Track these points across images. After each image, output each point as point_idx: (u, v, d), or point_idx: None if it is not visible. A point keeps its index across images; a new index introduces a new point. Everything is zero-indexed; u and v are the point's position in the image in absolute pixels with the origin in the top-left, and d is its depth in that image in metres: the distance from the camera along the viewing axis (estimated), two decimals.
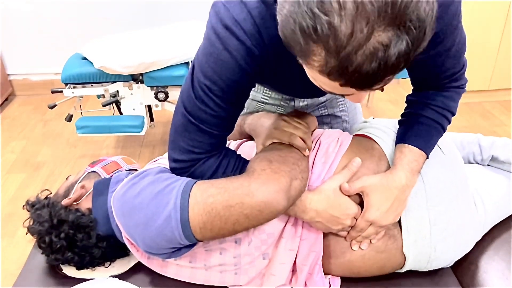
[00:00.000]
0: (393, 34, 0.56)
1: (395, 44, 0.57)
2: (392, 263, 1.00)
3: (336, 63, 0.58)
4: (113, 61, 2.04)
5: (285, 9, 0.60)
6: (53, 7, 2.96)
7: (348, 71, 0.59)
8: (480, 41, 2.69)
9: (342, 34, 0.56)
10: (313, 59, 0.60)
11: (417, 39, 0.58)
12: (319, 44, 0.58)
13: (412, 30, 0.57)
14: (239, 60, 0.78)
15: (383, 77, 0.61)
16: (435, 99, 0.97)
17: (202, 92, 0.83)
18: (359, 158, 0.97)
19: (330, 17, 0.55)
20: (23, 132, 2.74)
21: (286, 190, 0.85)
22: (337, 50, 0.57)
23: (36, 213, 1.01)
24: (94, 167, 1.11)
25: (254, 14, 0.76)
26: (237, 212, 0.84)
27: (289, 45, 0.63)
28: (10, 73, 3.16)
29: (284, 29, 0.62)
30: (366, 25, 0.55)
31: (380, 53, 0.57)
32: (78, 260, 1.00)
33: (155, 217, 0.86)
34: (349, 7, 0.55)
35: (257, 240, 0.95)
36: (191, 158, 0.90)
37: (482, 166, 1.24)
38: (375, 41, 0.56)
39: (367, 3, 0.54)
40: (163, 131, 2.71)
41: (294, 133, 0.97)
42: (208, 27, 0.80)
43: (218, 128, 0.88)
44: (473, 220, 1.04)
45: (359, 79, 0.60)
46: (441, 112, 0.97)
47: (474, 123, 2.71)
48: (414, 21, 0.56)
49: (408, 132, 0.97)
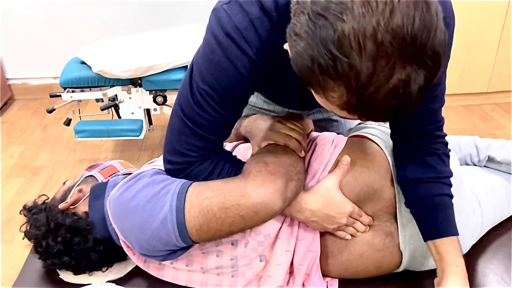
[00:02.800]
0: (412, 70, 0.57)
1: (414, 80, 0.57)
2: (390, 261, 1.00)
3: (358, 101, 0.59)
4: (111, 65, 2.04)
5: (300, 46, 0.59)
6: (52, 12, 2.96)
7: (370, 108, 0.60)
8: (478, 43, 2.69)
9: (364, 74, 0.56)
10: (331, 95, 0.61)
11: (433, 71, 0.59)
12: (339, 82, 0.58)
13: (429, 64, 0.57)
14: (239, 68, 0.78)
15: (404, 112, 0.62)
16: (433, 171, 0.94)
17: (200, 97, 0.82)
18: (347, 156, 0.97)
19: (351, 59, 0.55)
20: (22, 136, 2.73)
21: (282, 192, 0.85)
22: (359, 90, 0.57)
23: (33, 218, 1.01)
24: (92, 171, 1.11)
25: (256, 23, 0.76)
26: (233, 213, 0.84)
27: (304, 78, 0.63)
28: (9, 77, 3.16)
29: (299, 64, 0.61)
30: (387, 65, 0.56)
31: (401, 90, 0.58)
32: (75, 265, 1.00)
33: (151, 220, 0.86)
34: (370, 48, 0.55)
35: (253, 241, 0.95)
36: (186, 161, 0.90)
37: (479, 167, 1.24)
38: (396, 78, 0.57)
39: (387, 43, 0.55)
40: (161, 135, 2.70)
41: (289, 135, 0.97)
42: (209, 33, 0.79)
43: (214, 133, 0.88)
44: (469, 219, 1.04)
45: (379, 115, 0.62)
46: (448, 183, 0.95)
47: (473, 125, 2.70)
48: (431, 56, 0.57)
49: (434, 225, 0.93)
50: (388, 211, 0.99)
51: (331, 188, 0.94)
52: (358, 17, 0.54)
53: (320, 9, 0.57)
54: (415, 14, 0.55)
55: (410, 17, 0.55)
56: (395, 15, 0.54)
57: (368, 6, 0.54)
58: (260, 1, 0.75)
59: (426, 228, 0.95)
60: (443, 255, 0.91)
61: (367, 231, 0.98)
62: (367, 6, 0.54)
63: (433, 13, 0.57)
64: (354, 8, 0.55)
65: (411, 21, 0.55)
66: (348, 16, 0.55)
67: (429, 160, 0.94)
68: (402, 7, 0.55)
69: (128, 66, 2.03)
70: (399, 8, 0.55)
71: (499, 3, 2.58)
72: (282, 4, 0.75)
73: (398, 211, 0.98)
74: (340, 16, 0.55)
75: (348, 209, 0.94)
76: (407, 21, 0.55)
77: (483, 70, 2.80)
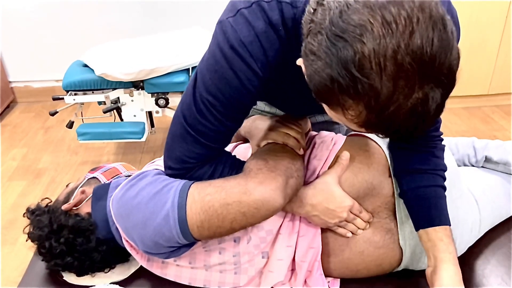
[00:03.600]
0: (429, 89, 0.58)
1: (432, 98, 0.59)
2: (390, 258, 1.01)
3: (377, 120, 0.60)
4: (114, 68, 2.05)
5: (317, 65, 0.60)
6: (55, 15, 2.98)
7: (390, 127, 0.61)
8: (479, 45, 2.70)
9: (384, 94, 0.57)
10: (350, 113, 0.62)
11: (448, 88, 0.60)
12: (359, 101, 0.59)
13: (445, 82, 0.59)
14: (243, 80, 0.79)
15: (422, 129, 0.63)
16: (428, 163, 0.96)
17: (203, 106, 0.83)
18: (347, 152, 0.99)
19: (371, 79, 0.56)
20: (25, 139, 2.75)
21: (283, 188, 0.87)
22: (379, 109, 0.59)
23: (36, 219, 1.02)
24: (94, 173, 1.12)
25: (261, 37, 0.76)
26: (235, 210, 0.85)
27: (320, 96, 0.64)
28: (12, 80, 3.17)
29: (317, 83, 0.62)
30: (406, 85, 0.57)
31: (420, 108, 0.59)
32: (78, 265, 1.01)
33: (153, 217, 0.87)
34: (390, 69, 0.56)
35: (256, 237, 0.96)
36: (186, 167, 0.91)
37: (477, 168, 1.25)
38: (415, 98, 0.58)
39: (407, 65, 0.56)
40: (163, 137, 2.71)
41: (288, 133, 0.98)
42: (214, 44, 0.80)
43: (216, 142, 0.89)
44: (467, 214, 1.05)
45: (398, 133, 0.63)
46: (442, 175, 0.97)
47: (473, 127, 2.71)
48: (447, 74, 0.59)
49: (427, 213, 0.95)
50: (388, 208, 1.00)
51: (331, 182, 0.96)
52: (379, 38, 0.55)
53: (339, 31, 0.57)
54: (434, 36, 0.56)
55: (429, 38, 0.56)
56: (415, 37, 0.55)
57: (388, 27, 0.55)
58: (267, 15, 0.75)
59: (419, 217, 0.96)
60: (436, 242, 0.92)
61: (367, 228, 0.99)
62: (387, 28, 0.55)
63: (449, 32, 0.58)
64: (373, 30, 0.55)
65: (430, 43, 0.56)
66: (369, 37, 0.55)
67: (424, 153, 0.96)
68: (421, 28, 0.56)
69: (131, 69, 2.04)
70: (419, 29, 0.55)
71: (499, 5, 2.59)
72: (288, 19, 0.75)
73: (397, 207, 1.00)
74: (360, 37, 0.56)
75: (348, 203, 0.95)
76: (426, 42, 0.56)
77: (484, 72, 2.80)
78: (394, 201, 1.00)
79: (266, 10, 0.75)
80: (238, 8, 0.76)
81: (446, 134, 1.01)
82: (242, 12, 0.76)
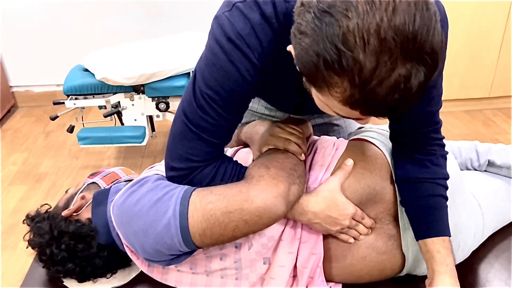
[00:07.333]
0: (412, 66, 0.60)
1: (414, 76, 0.60)
2: (393, 264, 1.00)
3: (361, 95, 0.62)
4: (114, 72, 2.05)
5: (305, 42, 0.62)
6: (55, 20, 2.98)
7: (372, 102, 0.62)
8: (480, 48, 2.70)
9: (367, 69, 0.59)
10: (335, 90, 0.63)
11: (432, 69, 0.62)
12: (344, 77, 0.61)
13: (428, 61, 0.60)
14: (242, 71, 0.80)
15: (404, 107, 0.64)
16: (426, 171, 0.95)
17: (204, 101, 0.84)
18: (351, 159, 0.99)
19: (355, 53, 0.58)
20: (25, 143, 2.74)
21: (285, 195, 0.87)
22: (362, 83, 0.60)
23: (36, 226, 1.01)
24: (94, 178, 1.11)
25: (257, 29, 0.79)
26: (237, 218, 0.85)
27: (308, 76, 0.66)
28: (13, 84, 3.17)
29: (303, 61, 0.64)
30: (389, 60, 0.59)
31: (402, 85, 0.60)
32: (79, 272, 1.00)
33: (154, 225, 0.86)
34: (373, 43, 0.58)
35: (257, 244, 0.95)
36: (189, 166, 0.91)
37: (480, 172, 1.25)
38: (397, 73, 0.60)
39: (390, 39, 0.58)
40: (164, 141, 2.71)
41: (289, 139, 0.98)
42: (211, 39, 0.82)
43: (217, 137, 0.89)
44: (470, 219, 1.05)
45: (382, 109, 0.64)
46: (443, 184, 0.96)
47: (475, 130, 2.70)
48: (430, 53, 0.60)
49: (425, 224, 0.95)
50: (390, 214, 1.00)
51: (334, 190, 0.95)
52: (363, 14, 0.58)
53: (326, 7, 0.60)
54: (416, 13, 0.59)
55: (411, 15, 0.58)
56: (397, 13, 0.58)
57: (372, 4, 0.58)
58: (260, 9, 0.79)
59: (418, 227, 0.96)
60: (434, 254, 0.93)
61: (369, 234, 0.99)
62: (370, 4, 0.58)
63: (432, 14, 0.60)
64: (358, 6, 0.58)
65: (412, 19, 0.58)
66: (353, 13, 0.58)
67: (425, 160, 0.96)
68: (404, 6, 0.58)
69: (131, 73, 2.04)
70: (401, 7, 0.58)
71: (500, 8, 2.59)
72: (281, 13, 0.78)
73: (399, 213, 0.99)
74: (345, 13, 0.58)
75: (351, 211, 0.94)
76: (408, 19, 0.58)
77: (485, 75, 2.80)
78: (397, 207, 0.99)
79: (260, 4, 0.79)
80: (233, 2, 0.80)
81: (447, 137, 1.00)
82: (237, 6, 0.79)
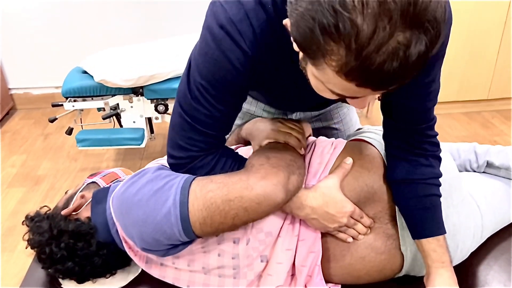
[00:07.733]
0: (412, 34, 0.56)
1: (415, 44, 0.57)
2: (392, 264, 1.00)
3: (357, 63, 0.58)
4: (113, 75, 2.05)
5: (302, 7, 0.59)
6: (54, 22, 2.98)
7: (369, 70, 0.58)
8: (479, 50, 2.71)
9: (365, 33, 0.55)
10: (331, 58, 0.59)
11: (433, 39, 0.58)
12: (340, 42, 0.57)
13: (430, 30, 0.57)
14: (232, 60, 0.79)
15: (402, 77, 0.60)
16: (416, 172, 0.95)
17: (198, 93, 0.84)
18: (350, 158, 0.99)
19: (353, 15, 0.55)
20: (24, 146, 2.74)
21: (284, 184, 0.87)
22: (359, 49, 0.57)
23: (35, 225, 1.01)
24: (93, 178, 1.11)
25: (251, 15, 0.77)
26: (237, 206, 0.85)
27: (304, 45, 0.62)
28: (11, 87, 3.17)
29: (299, 28, 0.61)
30: (388, 24, 0.55)
31: (401, 53, 0.57)
32: (78, 271, 1.00)
33: (154, 214, 0.87)
34: (372, 6, 0.55)
35: (255, 240, 0.95)
36: (188, 156, 0.91)
37: (478, 173, 1.25)
38: (396, 40, 0.56)
39: (390, 2, 0.55)
40: (163, 143, 2.71)
41: (289, 132, 0.99)
42: (204, 27, 0.81)
43: (212, 128, 0.89)
44: (469, 219, 1.05)
45: (378, 79, 0.60)
46: (435, 183, 0.96)
47: (474, 132, 2.71)
48: (432, 22, 0.57)
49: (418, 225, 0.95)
50: (389, 213, 1.00)
51: (333, 187, 0.95)
52: None
53: None
54: None
55: None
56: None
57: None
58: None
59: (413, 227, 0.97)
60: (429, 253, 0.94)
61: (368, 234, 0.99)
62: None
63: None
64: None
65: None
66: None
67: (415, 162, 0.95)
68: None
69: (130, 75, 2.04)
70: None
71: (498, 10, 2.60)
72: None
73: (397, 213, 0.99)
74: None
75: (349, 209, 0.95)
76: None
77: (484, 77, 2.81)
78: (395, 207, 0.99)
79: None
80: None
81: (446, 139, 1.00)
82: None
